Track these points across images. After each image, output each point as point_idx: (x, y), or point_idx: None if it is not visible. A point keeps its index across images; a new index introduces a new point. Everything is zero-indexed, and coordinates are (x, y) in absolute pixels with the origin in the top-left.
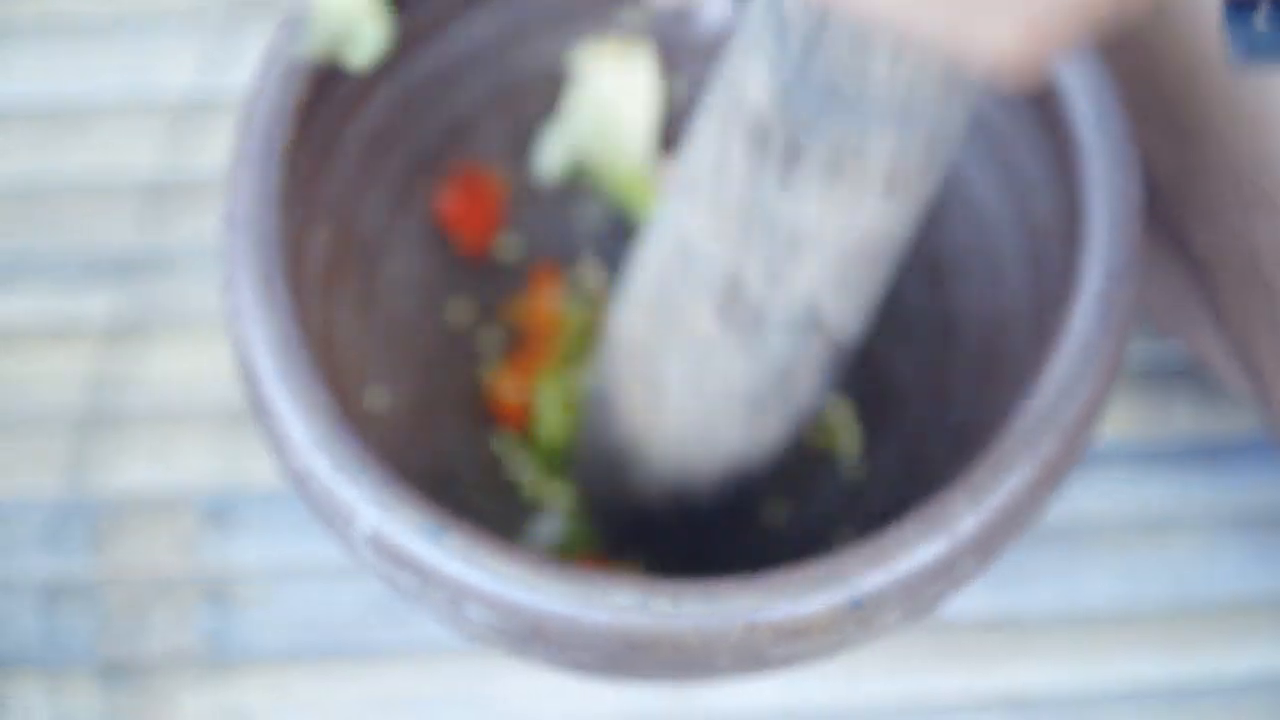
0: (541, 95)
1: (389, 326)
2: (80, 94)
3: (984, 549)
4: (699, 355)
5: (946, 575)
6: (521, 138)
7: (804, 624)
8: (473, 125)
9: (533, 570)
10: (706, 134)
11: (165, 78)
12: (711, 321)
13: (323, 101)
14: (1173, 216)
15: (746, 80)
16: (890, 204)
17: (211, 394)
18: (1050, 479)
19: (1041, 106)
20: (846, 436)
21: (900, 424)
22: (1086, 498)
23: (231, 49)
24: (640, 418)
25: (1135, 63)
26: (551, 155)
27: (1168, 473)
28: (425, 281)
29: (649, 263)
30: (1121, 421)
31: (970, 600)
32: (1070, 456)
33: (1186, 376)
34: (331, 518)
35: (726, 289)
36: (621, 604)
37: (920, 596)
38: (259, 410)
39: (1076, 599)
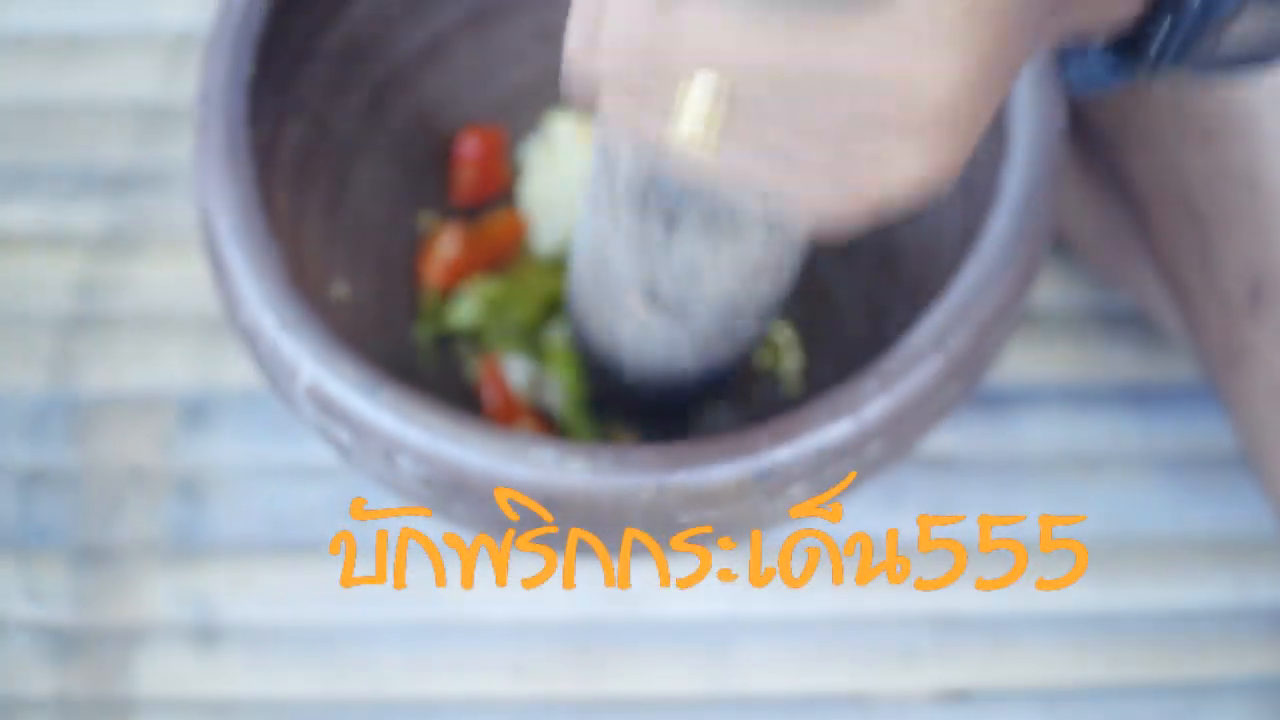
0: (512, 23)
1: (355, 227)
2: (86, 24)
3: (892, 433)
4: (639, 325)
5: (854, 454)
6: (489, 62)
7: (712, 490)
8: (447, 45)
9: (459, 425)
10: (599, 183)
11: (167, 13)
12: (643, 301)
13: (301, 6)
14: (1115, 155)
15: (619, 158)
16: (777, 234)
17: (194, 303)
18: (959, 370)
19: None
20: (789, 357)
21: (839, 344)
22: (1025, 433)
23: None
24: (607, 347)
25: (1082, 7)
26: (550, 239)
27: (1104, 413)
28: (393, 189)
29: (583, 248)
30: (1063, 364)
31: (910, 526)
32: (981, 351)
33: (1129, 325)
34: (276, 373)
35: (646, 292)
36: (540, 460)
37: (826, 473)
38: (217, 269)
39: (1012, 527)
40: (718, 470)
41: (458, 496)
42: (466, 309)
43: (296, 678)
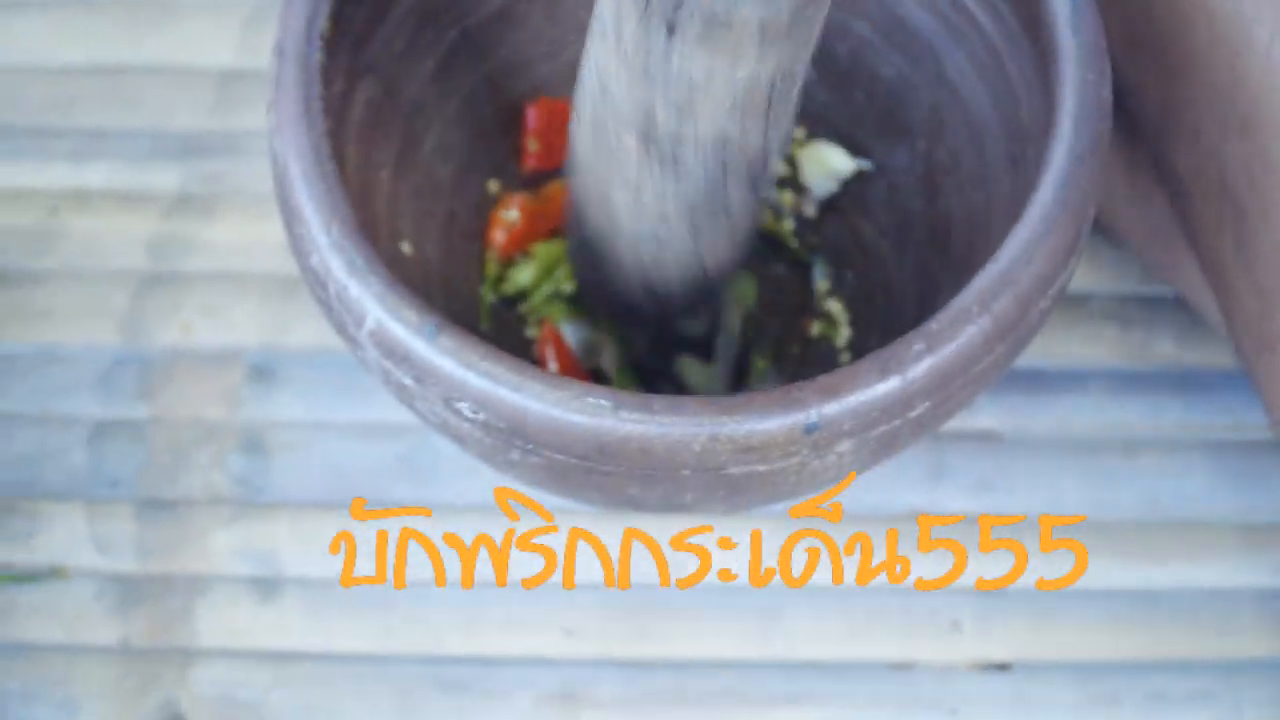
0: None
1: (423, 188)
2: None
3: (938, 393)
4: (633, 179)
5: (900, 412)
6: (560, 32)
7: (762, 440)
8: (518, 12)
9: (518, 371)
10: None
11: None
12: (637, 148)
13: None
14: (1158, 145)
15: None
16: (770, 51)
17: (266, 263)
18: (1003, 334)
19: (1028, 14)
20: (840, 330)
21: (889, 318)
22: (1069, 413)
23: None
24: (603, 231)
25: (1131, 5)
26: None
27: (1146, 397)
28: (461, 153)
29: (585, 88)
30: (1108, 347)
31: (955, 500)
32: (1025, 317)
33: (1174, 312)
34: (342, 316)
35: (642, 123)
36: (597, 406)
37: (873, 430)
38: (287, 214)
39: (1053, 503)
40: (767, 422)
41: (515, 440)
42: (525, 273)
43: (353, 632)
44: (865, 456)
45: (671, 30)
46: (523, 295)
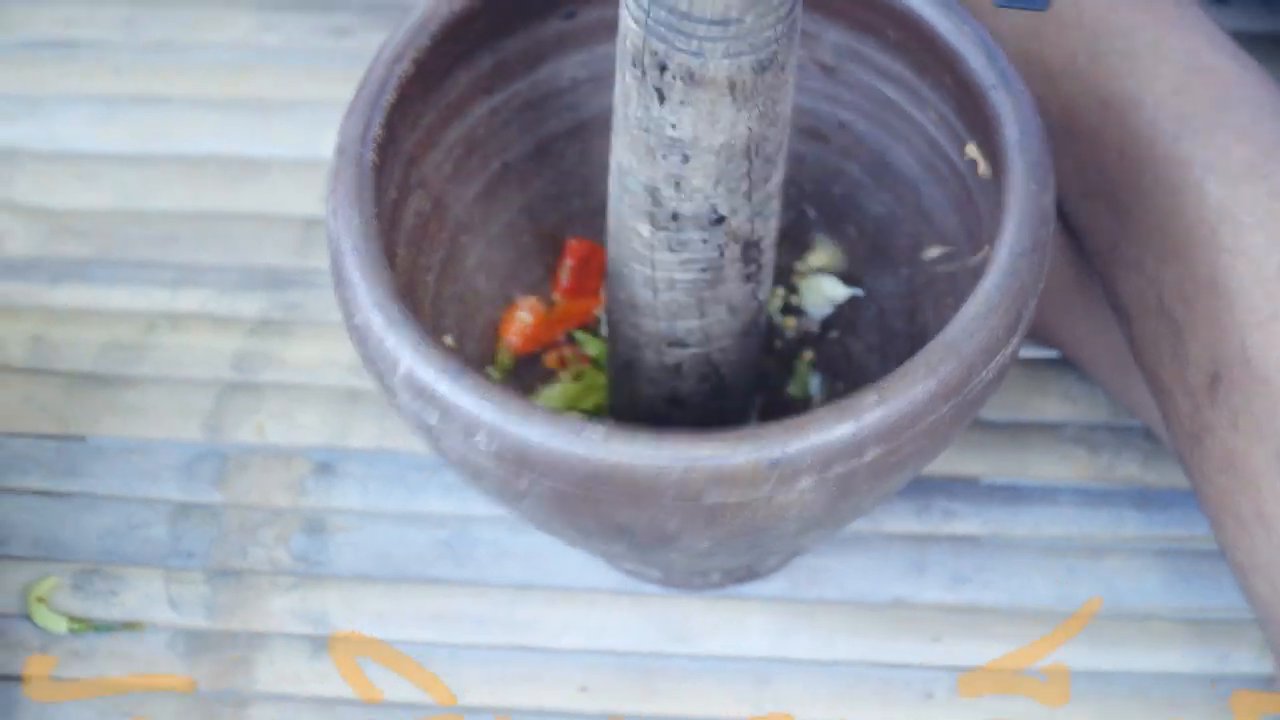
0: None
1: (464, 297)
2: (261, 152)
3: (888, 440)
4: (646, 261)
5: (855, 454)
6: (590, 171)
7: (732, 473)
8: (553, 151)
9: (527, 408)
10: (617, 84)
11: (327, 145)
12: (646, 229)
13: (428, 99)
14: (1108, 276)
15: (625, 28)
16: (741, 112)
17: (332, 378)
18: (947, 394)
19: (989, 145)
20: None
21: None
22: (1038, 522)
23: None
24: (627, 324)
25: (1086, 150)
26: None
27: (1109, 509)
28: (501, 270)
29: (610, 198)
30: (1076, 466)
31: (934, 590)
32: (968, 382)
33: (1139, 437)
34: (379, 366)
35: (649, 199)
36: (591, 438)
37: (831, 469)
38: (338, 279)
39: (1021, 595)
40: (737, 455)
41: (523, 470)
42: (551, 398)
43: (393, 684)
44: (825, 496)
45: (661, 97)
46: None
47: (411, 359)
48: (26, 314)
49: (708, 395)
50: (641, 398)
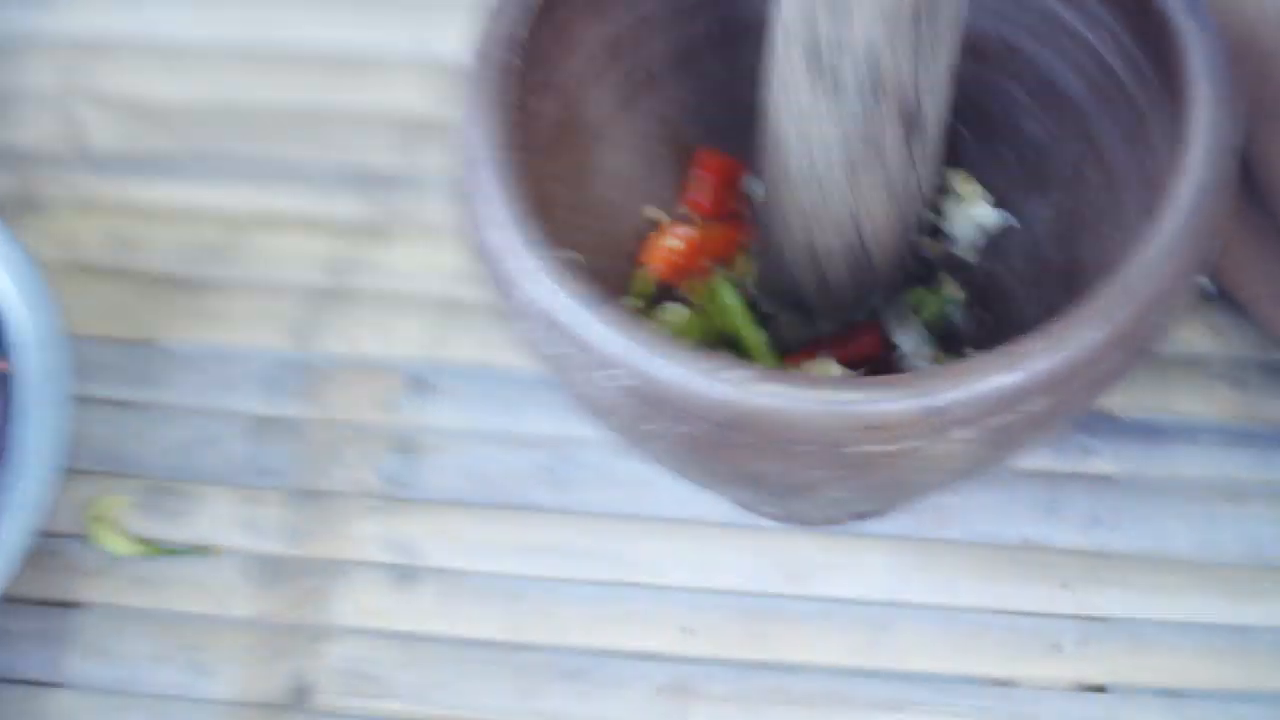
0: (757, 45)
1: (595, 206)
2: (362, 43)
3: (1056, 390)
4: (801, 103)
5: (1018, 405)
6: (734, 79)
7: (884, 422)
8: (696, 56)
9: (667, 346)
10: None
11: (439, 41)
12: (805, 85)
13: (571, 4)
14: (1267, 194)
15: None
16: None
17: (433, 286)
18: (1120, 342)
19: (1169, 73)
20: None
21: None
22: (1177, 462)
23: None
24: (783, 199)
25: (1264, 70)
26: None
27: (1255, 450)
28: (631, 181)
29: (774, 59)
30: (1220, 404)
31: (1065, 533)
32: (1140, 328)
33: None
34: (511, 287)
35: (807, 36)
36: (731, 377)
37: (991, 420)
38: (471, 192)
39: (1160, 543)
40: (891, 402)
41: (657, 409)
42: (668, 318)
43: (483, 620)
44: (981, 447)
45: None
46: None
47: (552, 282)
48: (107, 211)
49: (853, 286)
50: (787, 280)
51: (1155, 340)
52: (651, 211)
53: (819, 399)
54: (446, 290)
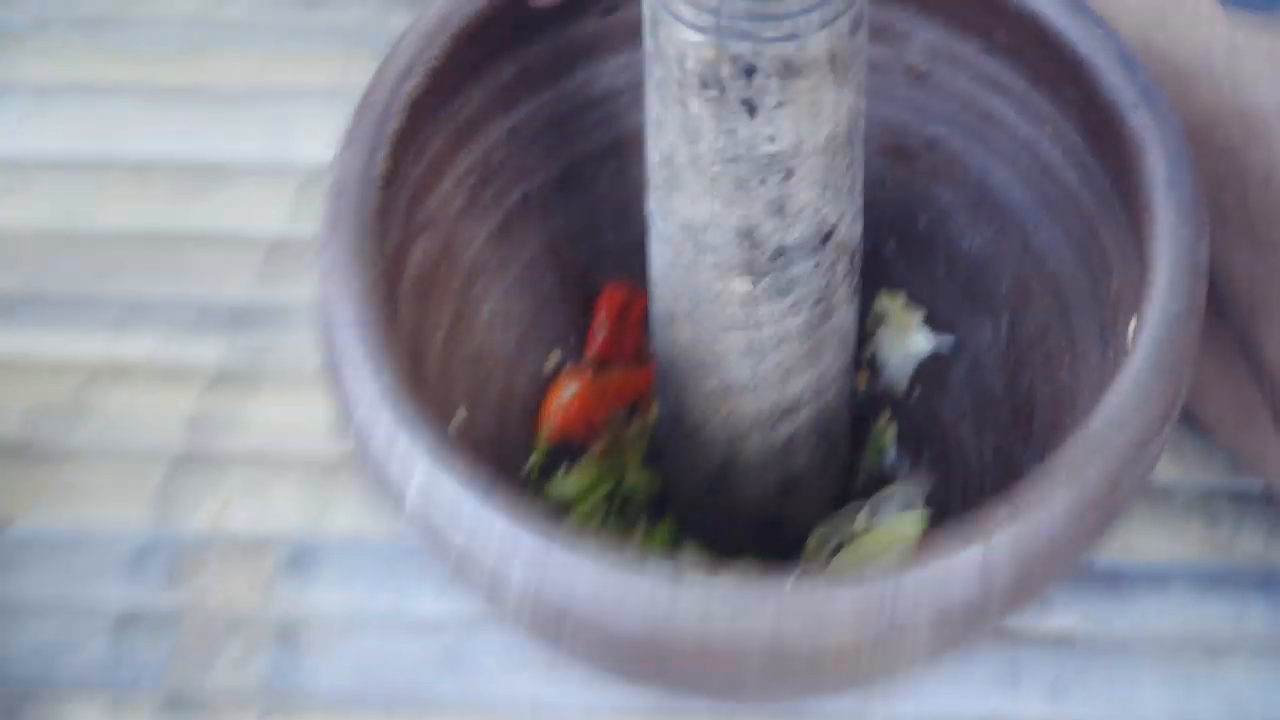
0: None
1: (477, 358)
2: (219, 154)
3: (1023, 564)
4: (746, 325)
5: (983, 585)
6: (628, 195)
7: (833, 624)
8: (584, 174)
9: (575, 542)
10: (664, 127)
11: (301, 147)
12: (743, 285)
13: (436, 120)
14: (1246, 326)
15: (680, 47)
16: (843, 90)
17: (307, 445)
18: (1093, 504)
19: (1123, 176)
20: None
21: (968, 505)
22: (1146, 615)
23: None
24: (716, 421)
25: (1221, 170)
26: None
27: (1228, 596)
28: (520, 322)
29: (667, 275)
30: (1190, 544)
31: (1028, 704)
32: (1116, 486)
33: (1261, 505)
34: (387, 473)
35: (744, 244)
36: (654, 588)
37: (954, 604)
38: (334, 363)
39: (1130, 711)
40: (839, 601)
41: (568, 617)
42: (568, 485)
43: None
44: (946, 635)
45: (752, 109)
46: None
47: (430, 465)
48: None
49: (818, 472)
50: (742, 502)
51: (1132, 495)
52: (552, 357)
53: (757, 605)
54: (322, 450)
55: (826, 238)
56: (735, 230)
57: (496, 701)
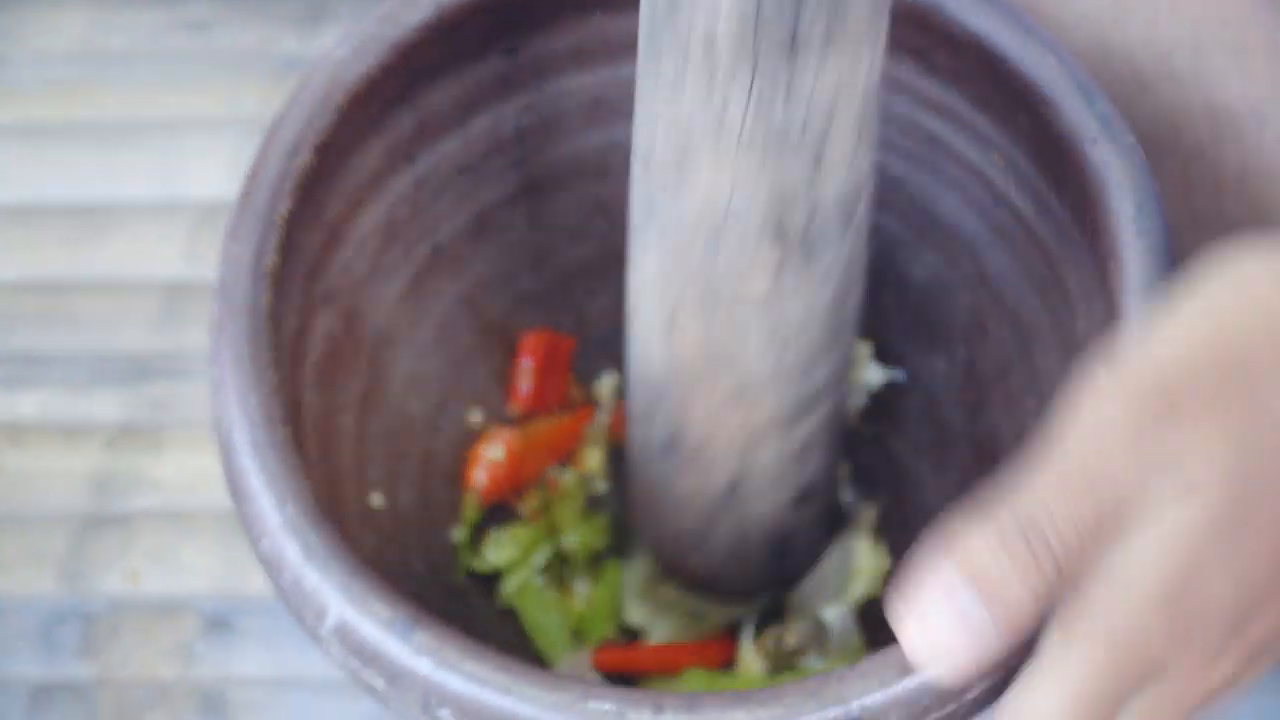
0: (566, 196)
1: (394, 427)
2: (106, 195)
3: (1000, 665)
4: (768, 311)
5: (959, 694)
6: (544, 239)
7: None
8: (496, 221)
9: (506, 671)
10: (676, 103)
11: (192, 186)
12: (772, 258)
13: (332, 184)
14: None
15: (713, 17)
16: (878, 38)
17: (218, 499)
18: None
19: (1086, 213)
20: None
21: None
22: None
23: None
24: (722, 439)
25: (1191, 173)
26: None
27: None
28: (437, 383)
29: (662, 278)
30: None
31: None
32: None
33: None
34: (300, 608)
35: (773, 221)
36: (598, 711)
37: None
38: (235, 490)
39: None
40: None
41: None
42: (501, 553)
43: None
44: None
45: (794, 46)
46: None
47: (344, 605)
48: None
49: (830, 478)
50: (752, 523)
51: None
52: (473, 416)
53: None
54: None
55: (856, 199)
56: (764, 210)
57: None
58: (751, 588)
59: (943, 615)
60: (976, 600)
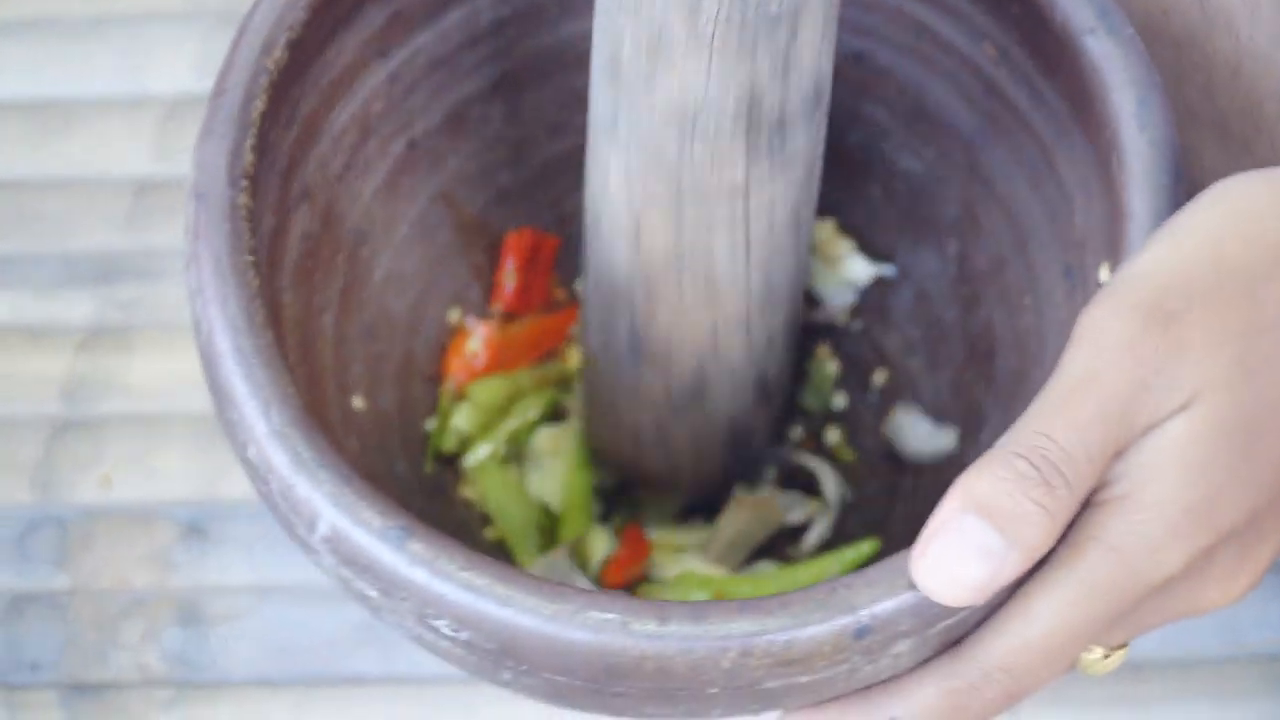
0: (545, 89)
1: (374, 326)
2: (69, 91)
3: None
4: (736, 213)
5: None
6: (522, 133)
7: (804, 651)
8: (473, 115)
9: (504, 581)
10: (649, 15)
11: (158, 80)
12: (741, 164)
13: (306, 80)
14: None
15: None
16: None
17: (194, 401)
18: None
19: (1083, 107)
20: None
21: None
22: None
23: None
24: (687, 332)
25: (1183, 62)
26: None
27: None
28: (416, 282)
29: (627, 184)
30: None
31: None
32: None
33: None
34: (289, 518)
35: (744, 117)
36: (601, 620)
37: (935, 626)
38: (218, 397)
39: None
40: (809, 629)
41: (506, 660)
42: (462, 418)
43: None
44: (927, 652)
45: None
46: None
47: (335, 514)
48: None
49: (789, 375)
50: (718, 417)
51: None
52: (453, 315)
53: (717, 637)
54: (211, 407)
55: (826, 79)
56: (733, 105)
57: (424, 678)
58: (705, 486)
59: (958, 552)
60: (988, 529)
